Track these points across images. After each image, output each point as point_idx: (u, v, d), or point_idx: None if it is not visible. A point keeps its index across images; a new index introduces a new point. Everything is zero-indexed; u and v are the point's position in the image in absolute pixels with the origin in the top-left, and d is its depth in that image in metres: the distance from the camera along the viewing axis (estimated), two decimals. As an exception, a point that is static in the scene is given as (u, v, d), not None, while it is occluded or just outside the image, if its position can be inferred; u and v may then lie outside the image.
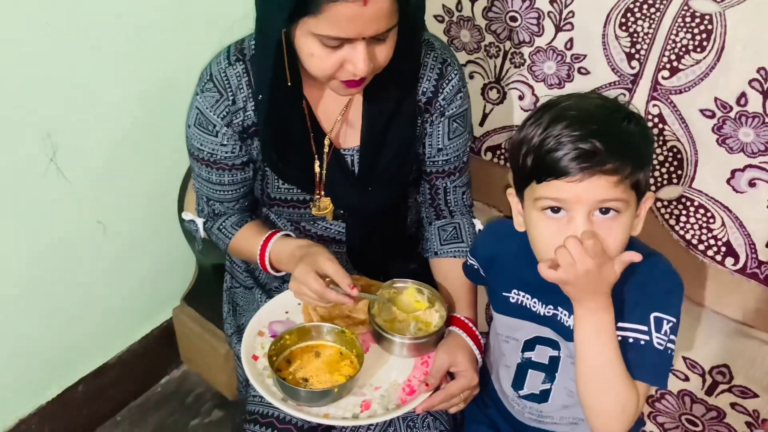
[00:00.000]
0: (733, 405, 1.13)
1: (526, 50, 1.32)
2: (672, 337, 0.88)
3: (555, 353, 0.99)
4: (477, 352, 1.08)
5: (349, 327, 1.09)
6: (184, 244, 1.49)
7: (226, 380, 1.61)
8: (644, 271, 0.90)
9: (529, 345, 1.01)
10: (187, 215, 1.26)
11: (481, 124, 1.44)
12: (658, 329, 0.87)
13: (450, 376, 1.05)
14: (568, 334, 0.95)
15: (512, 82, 1.36)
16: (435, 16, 1.37)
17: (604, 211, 0.82)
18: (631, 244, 0.93)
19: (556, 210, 0.84)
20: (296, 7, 0.87)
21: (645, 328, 0.88)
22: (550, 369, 1.00)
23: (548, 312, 0.97)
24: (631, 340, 0.88)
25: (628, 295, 0.88)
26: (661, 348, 0.87)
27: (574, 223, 0.82)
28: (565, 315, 0.95)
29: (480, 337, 1.10)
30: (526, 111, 1.37)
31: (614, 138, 0.81)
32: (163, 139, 1.41)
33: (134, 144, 1.38)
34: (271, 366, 1.01)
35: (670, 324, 0.88)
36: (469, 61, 1.40)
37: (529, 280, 0.98)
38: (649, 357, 0.87)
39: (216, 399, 1.68)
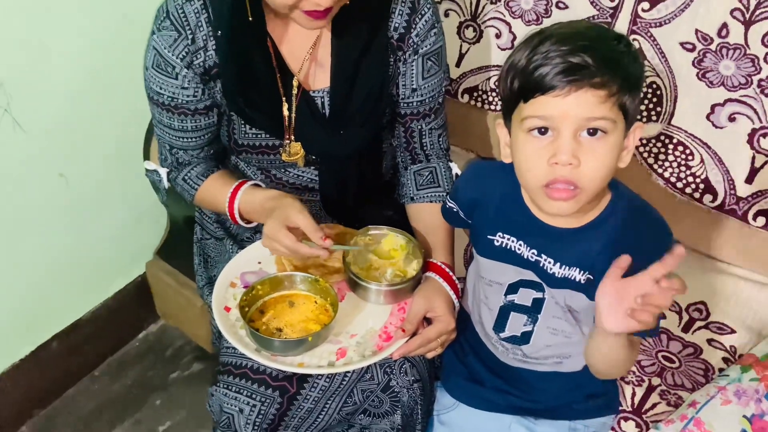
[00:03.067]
0: (709, 341, 1.14)
1: (502, -16, 1.26)
2: None
3: (539, 295, 0.97)
4: (454, 297, 1.06)
5: (323, 276, 1.07)
6: (154, 196, 1.44)
7: (204, 333, 1.59)
8: (643, 230, 0.89)
9: (513, 288, 0.99)
10: (149, 165, 1.22)
11: (458, 65, 1.39)
12: None
13: (427, 321, 1.04)
14: (551, 281, 0.94)
15: (489, 19, 1.31)
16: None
17: (592, 132, 0.80)
18: (619, 191, 0.91)
19: (543, 131, 0.82)
20: None
21: None
22: (533, 311, 0.99)
23: (532, 257, 0.95)
24: None
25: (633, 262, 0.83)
26: None
27: (561, 141, 0.80)
28: (549, 263, 0.94)
29: (457, 282, 1.08)
30: (503, 50, 1.32)
31: (603, 53, 0.79)
32: (125, 83, 1.34)
33: (93, 89, 1.31)
34: (243, 317, 0.99)
35: None
36: (443, -2, 1.35)
37: (515, 221, 0.96)
38: None
39: (196, 352, 1.67)
